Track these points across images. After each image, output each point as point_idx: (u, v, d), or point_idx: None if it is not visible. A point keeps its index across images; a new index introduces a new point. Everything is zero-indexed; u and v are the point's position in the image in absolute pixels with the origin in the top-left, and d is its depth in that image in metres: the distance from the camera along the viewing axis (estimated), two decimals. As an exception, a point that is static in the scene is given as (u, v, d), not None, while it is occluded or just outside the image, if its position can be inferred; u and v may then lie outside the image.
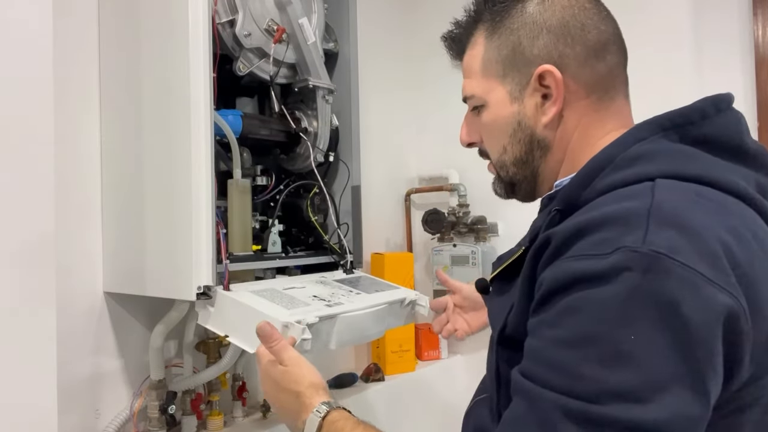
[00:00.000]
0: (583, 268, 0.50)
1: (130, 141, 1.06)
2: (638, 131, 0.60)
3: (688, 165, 0.56)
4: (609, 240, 0.50)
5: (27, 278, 0.76)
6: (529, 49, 0.65)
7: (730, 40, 1.67)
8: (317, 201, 1.24)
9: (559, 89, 0.64)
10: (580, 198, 0.58)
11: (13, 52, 0.75)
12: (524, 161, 0.69)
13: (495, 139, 0.71)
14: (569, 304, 0.50)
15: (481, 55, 0.70)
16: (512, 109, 0.68)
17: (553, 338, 0.51)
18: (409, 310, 1.13)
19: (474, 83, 0.71)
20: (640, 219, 0.50)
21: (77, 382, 1.07)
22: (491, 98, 0.69)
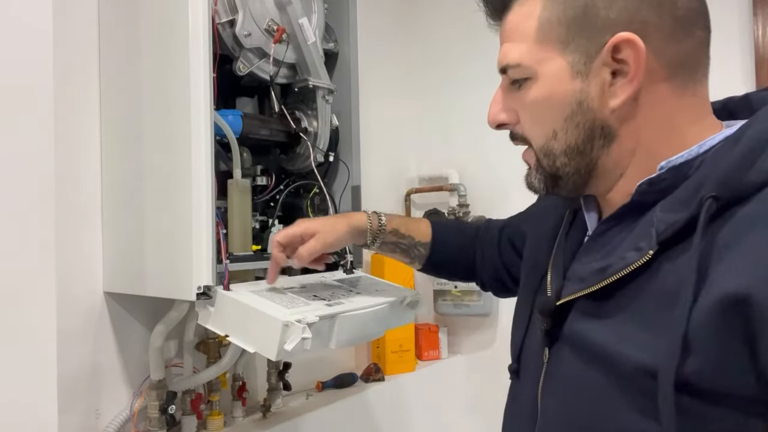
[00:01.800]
0: None
1: (130, 141, 1.06)
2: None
3: None
4: None
5: (27, 278, 0.76)
6: (605, 11, 0.53)
7: (730, 40, 1.67)
8: (317, 201, 1.24)
9: (639, 65, 0.52)
10: (745, 180, 0.46)
11: (13, 52, 0.75)
12: (580, 150, 0.56)
13: (543, 122, 0.58)
14: None
15: (537, 14, 0.56)
16: (573, 86, 0.55)
17: None
18: (409, 310, 1.13)
19: (523, 49, 0.57)
20: None
21: (77, 382, 1.07)
22: (545, 69, 0.56)
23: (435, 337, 1.82)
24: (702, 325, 0.44)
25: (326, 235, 0.88)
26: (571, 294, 0.56)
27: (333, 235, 0.89)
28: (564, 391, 0.57)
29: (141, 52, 1.04)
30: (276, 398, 1.33)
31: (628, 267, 0.50)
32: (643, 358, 0.47)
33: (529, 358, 0.64)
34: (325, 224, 0.89)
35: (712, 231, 0.47)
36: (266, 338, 0.87)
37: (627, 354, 0.49)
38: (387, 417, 1.56)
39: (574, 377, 0.55)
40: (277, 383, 1.34)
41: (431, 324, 1.86)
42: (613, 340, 0.51)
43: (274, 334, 0.85)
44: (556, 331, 0.58)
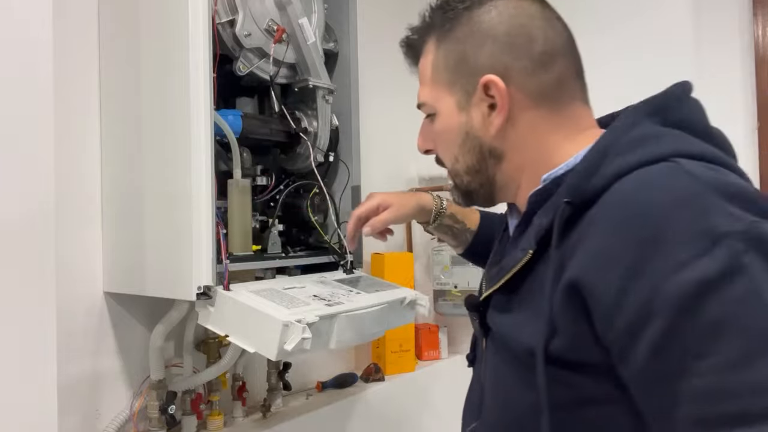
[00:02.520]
0: (695, 277, 0.45)
1: (130, 141, 1.06)
2: (629, 117, 0.59)
3: (691, 145, 0.55)
4: (696, 232, 0.46)
5: (27, 278, 0.76)
6: (475, 59, 0.65)
7: (730, 40, 1.67)
8: (317, 201, 1.24)
9: (503, 100, 0.63)
10: (590, 186, 0.54)
11: (13, 52, 0.75)
12: (477, 170, 0.69)
13: (447, 149, 0.71)
14: (709, 322, 0.44)
15: (431, 63, 0.69)
16: (460, 119, 0.67)
17: (721, 366, 0.44)
18: (409, 310, 1.13)
19: (426, 91, 0.71)
20: (705, 198, 0.48)
21: (77, 382, 1.07)
22: (441, 107, 0.69)
23: (435, 337, 1.82)
24: (559, 309, 0.53)
25: (399, 208, 0.96)
26: (486, 291, 0.66)
27: (404, 209, 0.97)
28: (491, 377, 0.67)
29: (141, 52, 1.04)
30: (276, 398, 1.33)
31: (516, 266, 0.60)
32: (527, 341, 0.56)
33: (478, 348, 0.74)
34: (399, 198, 0.98)
35: (570, 230, 0.55)
36: (266, 338, 0.87)
37: (518, 338, 0.59)
38: (387, 417, 1.56)
39: (493, 361, 0.66)
40: (277, 383, 1.34)
41: (431, 324, 1.86)
42: (511, 328, 0.61)
43: (274, 334, 0.85)
44: (485, 324, 0.68)
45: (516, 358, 0.60)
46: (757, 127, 1.65)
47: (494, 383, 0.66)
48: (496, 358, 0.65)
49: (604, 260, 0.50)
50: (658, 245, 0.47)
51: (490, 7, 0.65)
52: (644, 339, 0.47)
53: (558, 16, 0.67)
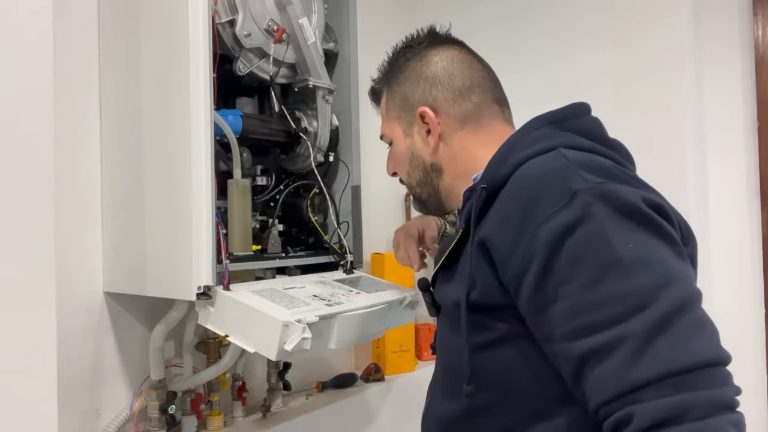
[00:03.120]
0: (558, 223, 0.58)
1: (130, 141, 1.06)
2: (532, 124, 0.74)
3: (575, 141, 0.69)
4: (560, 192, 0.60)
5: (27, 278, 0.76)
6: (412, 96, 0.84)
7: (730, 40, 1.67)
8: (317, 201, 1.24)
9: (434, 124, 0.81)
10: (499, 173, 0.68)
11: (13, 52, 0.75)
12: (424, 182, 0.86)
13: (402, 167, 0.89)
14: (568, 257, 0.57)
15: (385, 103, 0.90)
16: (407, 143, 0.86)
17: (577, 289, 0.56)
18: (409, 310, 1.13)
19: (384, 125, 0.91)
20: (570, 169, 0.62)
21: (77, 382, 1.07)
22: (394, 135, 0.88)
23: (435, 337, 1.82)
24: (475, 266, 0.67)
25: (431, 231, 1.06)
26: (433, 271, 0.81)
27: (433, 230, 1.07)
28: (439, 341, 0.81)
29: (141, 52, 1.04)
30: (276, 398, 1.33)
31: (451, 243, 0.74)
32: (454, 297, 0.70)
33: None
34: (425, 222, 1.07)
35: (487, 210, 0.68)
36: (266, 338, 0.87)
37: (450, 296, 0.73)
38: (387, 417, 1.56)
39: (440, 328, 0.81)
40: (277, 383, 1.34)
41: (431, 324, 1.86)
42: (447, 292, 0.75)
43: (274, 334, 0.85)
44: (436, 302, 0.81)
45: (450, 314, 0.74)
46: (757, 127, 1.65)
47: (440, 345, 0.80)
48: (441, 324, 0.80)
49: (501, 221, 0.64)
50: (534, 204, 0.61)
51: (421, 57, 0.84)
52: (528, 276, 0.60)
53: (478, 58, 0.85)
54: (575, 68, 1.69)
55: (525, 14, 1.82)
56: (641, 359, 0.52)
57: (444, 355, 0.79)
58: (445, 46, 0.85)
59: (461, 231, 0.72)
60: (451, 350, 0.73)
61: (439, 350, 0.81)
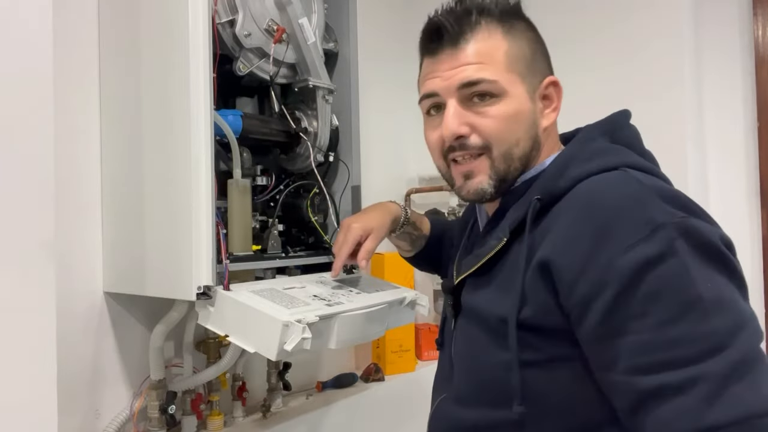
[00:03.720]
0: (639, 256, 0.56)
1: (130, 141, 1.06)
2: (588, 135, 0.73)
3: (635, 160, 0.68)
4: (640, 222, 0.58)
5: (27, 278, 0.76)
6: (539, 60, 0.75)
7: (730, 40, 1.67)
8: (317, 201, 1.24)
9: (559, 99, 0.75)
10: (557, 187, 0.66)
11: (13, 51, 0.75)
12: (528, 158, 0.74)
13: (510, 131, 0.72)
14: (647, 291, 0.56)
15: (505, 50, 0.72)
16: (530, 107, 0.73)
17: (654, 325, 0.55)
18: (409, 310, 1.13)
19: (495, 71, 0.71)
20: (648, 197, 0.60)
21: (77, 383, 1.07)
22: (513, 91, 0.72)
23: (435, 338, 1.82)
24: (530, 284, 0.64)
25: (380, 230, 0.98)
26: (462, 275, 0.76)
27: (383, 228, 0.99)
28: (462, 346, 0.77)
29: (141, 52, 1.04)
30: (276, 398, 1.33)
31: (492, 251, 0.71)
32: (499, 311, 0.67)
33: (446, 330, 0.83)
34: (375, 219, 0.99)
35: (540, 222, 0.66)
36: (266, 338, 0.87)
37: (491, 310, 0.69)
38: (387, 417, 1.56)
39: (467, 333, 0.76)
40: (277, 383, 1.34)
41: (431, 324, 1.86)
42: (485, 303, 0.71)
43: (274, 334, 0.85)
44: (457, 305, 0.78)
45: (489, 326, 0.70)
46: (757, 127, 1.65)
47: (466, 351, 0.76)
48: (469, 330, 0.75)
49: (569, 244, 0.62)
50: (612, 231, 0.59)
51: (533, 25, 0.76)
52: (597, 305, 0.58)
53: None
54: (574, 68, 1.69)
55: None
56: (718, 401, 0.51)
57: (472, 363, 0.74)
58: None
59: (505, 240, 0.69)
60: (490, 363, 0.69)
61: (467, 357, 0.76)
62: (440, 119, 0.74)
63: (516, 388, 0.64)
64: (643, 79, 1.58)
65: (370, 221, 0.98)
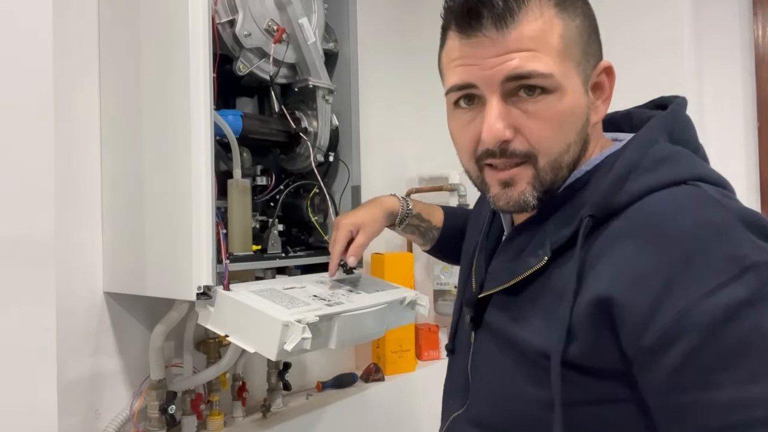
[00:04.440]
0: (726, 300, 0.48)
1: (130, 141, 1.06)
2: (648, 135, 0.60)
3: (704, 169, 0.58)
4: (727, 259, 0.49)
5: (27, 278, 0.76)
6: (594, 44, 0.62)
7: (730, 41, 1.67)
8: (317, 201, 1.24)
9: (612, 88, 0.63)
10: (614, 203, 0.56)
11: (13, 51, 0.75)
12: (576, 162, 0.62)
13: (563, 134, 0.59)
14: (736, 341, 0.48)
15: (559, 32, 0.58)
16: (585, 101, 0.60)
17: (737, 381, 0.48)
18: (409, 310, 1.13)
19: (550, 61, 0.57)
20: (734, 228, 0.51)
21: (77, 382, 1.07)
22: (569, 84, 0.58)
23: (435, 337, 1.82)
24: (581, 319, 0.55)
25: (371, 225, 0.95)
26: (489, 290, 0.66)
27: (375, 224, 0.96)
28: (486, 368, 0.68)
29: (141, 52, 1.04)
30: (276, 398, 1.33)
31: (529, 269, 0.60)
32: (540, 344, 0.58)
33: (461, 339, 0.75)
34: (365, 215, 0.96)
35: (590, 242, 0.56)
36: (266, 338, 0.87)
37: (529, 341, 0.60)
38: (387, 417, 1.56)
39: (493, 358, 0.66)
40: (277, 383, 1.34)
41: (431, 324, 1.86)
42: (519, 329, 0.61)
43: (274, 334, 0.85)
44: (479, 318, 0.69)
45: (525, 357, 0.60)
46: (757, 127, 1.65)
47: (492, 380, 0.66)
48: (497, 357, 0.65)
49: (636, 278, 0.52)
50: (691, 268, 0.50)
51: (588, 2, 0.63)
52: (671, 354, 0.50)
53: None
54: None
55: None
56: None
57: (501, 395, 0.65)
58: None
59: (545, 258, 0.59)
60: (523, 398, 0.61)
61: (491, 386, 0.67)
62: (473, 114, 0.61)
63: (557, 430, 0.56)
64: (643, 79, 1.57)
65: (359, 217, 0.96)
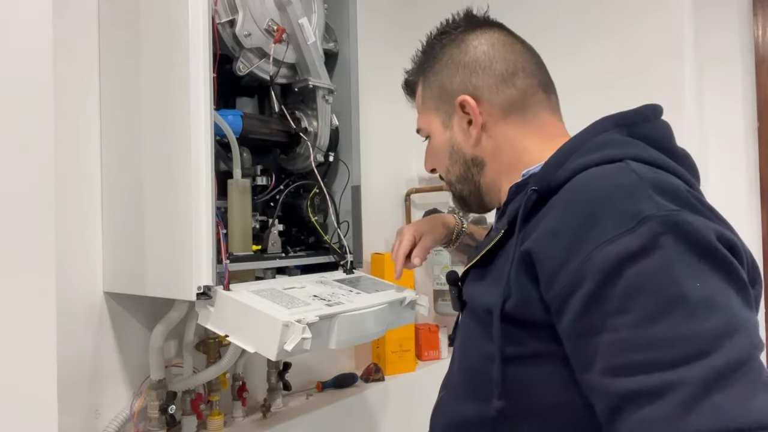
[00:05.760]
0: (620, 249, 0.53)
1: (130, 141, 1.06)
2: (599, 125, 0.68)
3: (645, 153, 0.63)
4: (626, 213, 0.54)
5: (27, 278, 0.76)
6: (450, 85, 0.77)
7: (730, 41, 1.67)
8: (317, 201, 1.24)
9: (476, 113, 0.75)
10: (554, 178, 0.64)
11: (13, 52, 0.75)
12: (465, 178, 0.80)
13: (440, 163, 0.83)
14: (626, 286, 0.52)
15: (421, 95, 0.83)
16: (446, 136, 0.80)
17: (631, 323, 0.51)
18: (409, 310, 1.13)
19: (420, 118, 0.84)
20: (640, 189, 0.56)
21: (77, 383, 1.07)
22: (432, 129, 0.82)
23: (435, 337, 1.82)
24: (514, 275, 0.63)
25: (433, 233, 1.01)
26: (465, 267, 0.77)
27: (436, 233, 1.02)
28: (460, 336, 0.78)
29: (141, 52, 1.04)
30: (276, 398, 1.33)
31: (490, 243, 0.70)
32: (487, 302, 0.66)
33: (457, 325, 0.84)
34: (429, 225, 1.03)
35: (536, 214, 0.64)
36: (266, 338, 0.87)
37: (481, 300, 0.69)
38: (387, 417, 1.56)
39: (464, 326, 0.77)
40: (277, 383, 1.34)
41: (431, 324, 1.86)
42: (478, 294, 0.71)
43: (274, 334, 0.85)
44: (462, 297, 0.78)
45: (479, 316, 0.70)
46: (757, 127, 1.65)
47: (462, 341, 0.77)
48: (465, 323, 0.77)
49: (552, 234, 0.59)
50: (593, 221, 0.56)
51: (459, 42, 0.78)
52: (575, 299, 0.55)
53: (520, 40, 0.79)
54: (574, 68, 1.69)
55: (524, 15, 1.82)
56: (696, 411, 0.47)
57: (466, 355, 0.75)
58: (484, 30, 0.78)
59: (503, 231, 0.68)
60: (477, 354, 0.69)
61: (461, 348, 0.77)
62: None
63: (496, 381, 0.63)
64: (643, 80, 1.58)
65: (421, 225, 1.03)
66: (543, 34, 1.88)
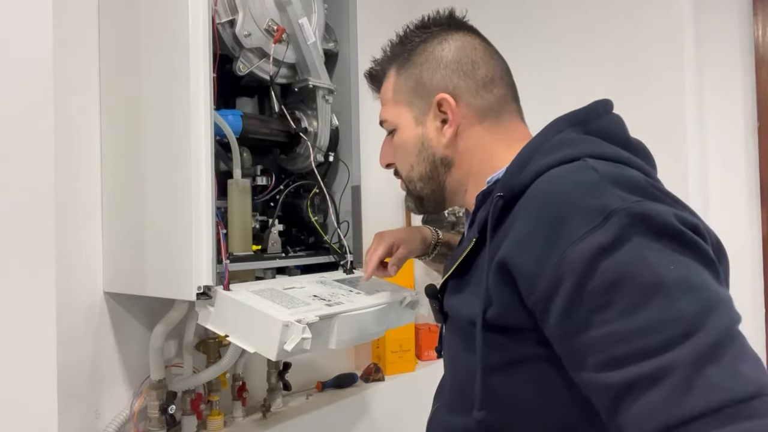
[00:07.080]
0: (592, 245, 0.54)
1: (130, 141, 1.06)
2: (554, 126, 0.69)
3: (601, 149, 0.64)
4: (592, 210, 0.55)
5: (27, 278, 0.76)
6: (429, 81, 0.76)
7: (730, 40, 1.67)
8: (317, 201, 1.24)
9: (454, 114, 0.75)
10: (518, 182, 0.64)
11: (13, 51, 0.75)
12: (430, 177, 0.79)
13: (404, 158, 0.81)
14: (604, 281, 0.53)
15: (392, 86, 0.81)
16: (417, 132, 0.78)
17: (615, 316, 0.52)
18: (409, 310, 1.13)
19: (386, 110, 0.82)
20: (601, 185, 0.57)
21: (77, 382, 1.07)
22: (400, 122, 0.80)
23: (435, 337, 1.82)
24: (492, 284, 0.63)
25: (410, 244, 1.01)
26: (443, 278, 0.76)
27: (413, 244, 1.02)
28: (446, 351, 0.78)
29: (141, 52, 1.04)
30: (276, 398, 1.33)
31: (464, 252, 0.70)
32: (469, 314, 0.66)
33: (442, 336, 0.84)
34: (406, 234, 1.03)
35: (505, 220, 0.64)
36: (266, 338, 0.87)
37: (463, 312, 0.69)
38: (387, 417, 1.56)
39: (448, 338, 0.77)
40: (277, 383, 1.34)
41: (431, 324, 1.86)
42: (459, 305, 0.71)
43: (274, 334, 0.85)
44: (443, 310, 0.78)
45: (462, 329, 0.70)
46: (757, 127, 1.65)
47: (448, 355, 0.77)
48: (449, 335, 0.76)
49: (524, 240, 0.60)
50: (562, 222, 0.57)
51: (441, 40, 0.77)
52: (557, 300, 0.56)
53: (496, 51, 0.79)
54: (574, 68, 1.69)
55: (524, 15, 1.82)
56: (692, 390, 0.48)
57: (453, 369, 0.75)
58: (465, 33, 0.78)
59: (474, 240, 0.68)
60: (463, 367, 0.70)
61: (449, 361, 0.77)
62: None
63: (477, 392, 0.63)
64: (643, 80, 1.58)
65: (400, 234, 1.02)
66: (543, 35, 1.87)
